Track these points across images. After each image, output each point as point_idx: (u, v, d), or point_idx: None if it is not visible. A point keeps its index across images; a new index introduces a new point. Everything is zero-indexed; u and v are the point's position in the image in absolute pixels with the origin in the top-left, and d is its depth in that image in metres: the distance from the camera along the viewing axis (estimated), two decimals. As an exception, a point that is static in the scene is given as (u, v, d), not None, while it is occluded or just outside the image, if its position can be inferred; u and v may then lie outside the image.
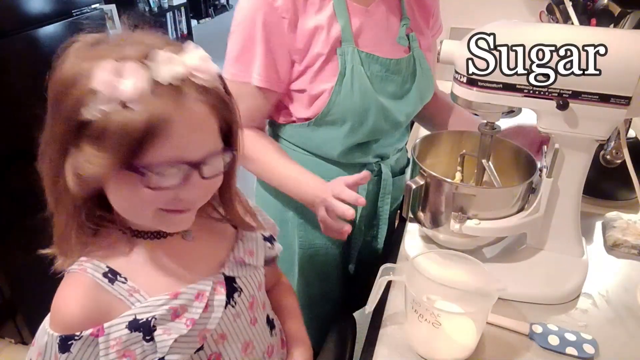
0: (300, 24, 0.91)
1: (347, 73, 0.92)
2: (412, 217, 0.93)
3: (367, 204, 1.01)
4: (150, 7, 4.46)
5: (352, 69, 0.92)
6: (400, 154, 1.14)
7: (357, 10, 0.94)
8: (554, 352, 0.75)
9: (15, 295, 1.77)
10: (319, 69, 0.93)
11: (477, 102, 0.78)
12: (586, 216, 0.99)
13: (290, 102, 0.99)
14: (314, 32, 0.91)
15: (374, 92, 0.95)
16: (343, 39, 0.92)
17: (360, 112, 0.95)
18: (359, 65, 0.92)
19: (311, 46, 0.92)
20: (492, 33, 0.73)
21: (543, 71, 0.72)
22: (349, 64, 0.92)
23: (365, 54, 0.94)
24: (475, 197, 0.82)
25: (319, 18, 0.91)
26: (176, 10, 4.89)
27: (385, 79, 0.97)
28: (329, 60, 0.92)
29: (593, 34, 0.74)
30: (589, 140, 0.78)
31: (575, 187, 0.84)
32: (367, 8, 0.95)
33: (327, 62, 0.93)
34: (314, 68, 0.93)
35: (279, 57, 0.92)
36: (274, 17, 0.89)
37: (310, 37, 0.91)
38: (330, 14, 0.91)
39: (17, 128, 1.69)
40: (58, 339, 0.59)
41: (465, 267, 0.76)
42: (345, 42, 0.92)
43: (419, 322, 0.70)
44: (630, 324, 0.81)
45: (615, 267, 0.94)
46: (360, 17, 0.94)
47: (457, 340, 0.73)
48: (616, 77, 0.70)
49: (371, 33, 0.95)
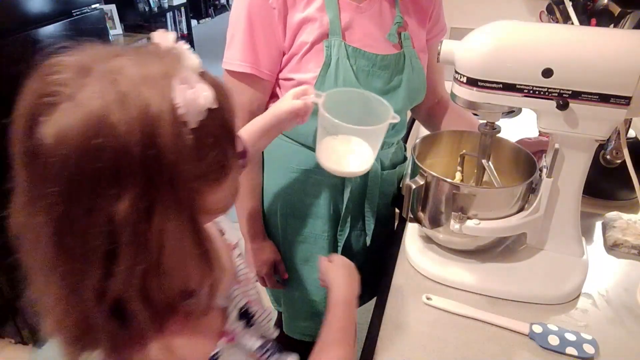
0: (289, 15, 0.94)
1: (332, 65, 0.95)
2: (412, 217, 0.93)
3: (354, 197, 1.05)
4: (150, 7, 4.46)
5: (337, 61, 0.95)
6: (393, 148, 1.14)
7: (348, 6, 0.96)
8: (554, 352, 0.75)
9: (15, 295, 1.77)
10: (303, 58, 0.96)
11: (477, 102, 0.78)
12: (586, 216, 1.00)
13: (279, 90, 1.01)
14: (302, 22, 0.94)
15: (359, 86, 0.96)
16: (330, 31, 0.94)
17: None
18: (344, 58, 0.95)
19: (297, 35, 0.95)
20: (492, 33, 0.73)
21: (543, 71, 0.72)
22: (334, 57, 0.95)
23: (352, 48, 0.96)
24: (475, 197, 0.82)
25: (309, 10, 0.94)
26: (176, 10, 4.89)
27: (371, 74, 0.98)
28: (315, 50, 0.95)
29: (593, 34, 0.74)
30: (589, 140, 0.78)
31: (575, 187, 0.84)
32: (359, 5, 0.97)
33: (312, 52, 0.95)
34: (297, 56, 0.96)
35: (267, 45, 0.95)
36: (263, 9, 0.93)
37: (298, 28, 0.95)
38: (320, 6, 0.94)
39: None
40: None
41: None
42: (332, 35, 0.94)
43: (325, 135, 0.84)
44: (630, 324, 0.81)
45: (615, 267, 0.94)
46: (351, 13, 0.96)
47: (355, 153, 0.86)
48: (616, 77, 0.70)
49: (361, 28, 0.98)
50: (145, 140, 0.41)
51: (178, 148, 0.42)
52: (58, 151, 0.40)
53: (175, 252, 0.45)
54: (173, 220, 0.44)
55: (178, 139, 0.42)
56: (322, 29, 0.94)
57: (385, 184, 1.12)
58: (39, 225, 0.44)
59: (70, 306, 0.46)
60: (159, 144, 0.41)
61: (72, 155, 0.40)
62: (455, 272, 0.89)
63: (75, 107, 0.41)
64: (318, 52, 0.95)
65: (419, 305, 0.84)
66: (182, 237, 0.46)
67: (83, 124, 0.40)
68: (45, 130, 0.41)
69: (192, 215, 0.46)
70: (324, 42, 0.94)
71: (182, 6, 4.96)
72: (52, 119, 0.41)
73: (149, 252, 0.44)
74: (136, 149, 0.41)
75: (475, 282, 0.86)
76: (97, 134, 0.40)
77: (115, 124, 0.40)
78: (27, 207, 0.45)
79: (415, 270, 0.92)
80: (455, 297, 0.85)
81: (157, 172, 0.42)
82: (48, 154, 0.41)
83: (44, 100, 0.42)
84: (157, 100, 0.42)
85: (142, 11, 4.36)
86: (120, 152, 0.40)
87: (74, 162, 0.40)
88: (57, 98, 0.42)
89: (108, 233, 0.43)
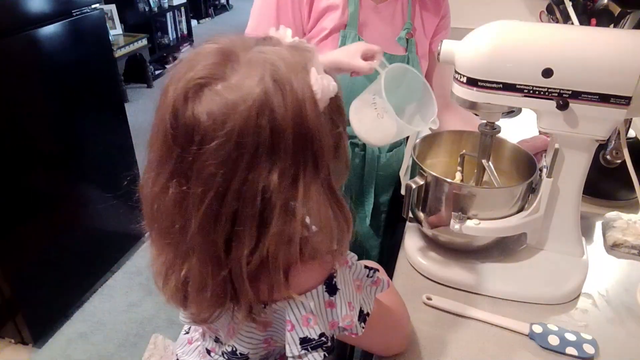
0: (317, 0, 1.03)
1: None
2: (412, 217, 0.93)
3: (353, 178, 1.12)
4: (150, 7, 4.46)
5: None
6: None
7: (367, 4, 1.04)
8: (554, 352, 0.75)
9: (15, 295, 1.77)
10: (320, 43, 1.03)
11: (477, 102, 0.78)
12: (586, 216, 1.00)
13: None
14: (326, 9, 1.02)
15: (366, 78, 1.00)
16: (349, 23, 1.02)
17: (346, 91, 0.98)
18: None
19: (320, 20, 1.03)
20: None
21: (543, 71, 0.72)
22: None
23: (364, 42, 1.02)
24: (475, 197, 0.83)
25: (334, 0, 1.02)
26: (176, 10, 4.89)
27: (377, 70, 1.00)
28: (331, 38, 1.02)
29: (593, 34, 0.74)
30: (589, 140, 0.78)
31: (575, 187, 0.84)
32: (377, 5, 1.05)
33: (329, 39, 1.03)
34: (315, 40, 1.03)
35: (294, 24, 1.03)
36: None
37: (322, 13, 1.02)
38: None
39: (17, 128, 1.70)
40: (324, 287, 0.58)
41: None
42: (350, 27, 1.02)
43: (371, 110, 0.85)
44: (630, 324, 0.81)
45: (615, 267, 0.94)
46: (369, 11, 1.04)
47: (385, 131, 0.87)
48: (616, 77, 0.70)
49: (374, 28, 1.05)
50: (296, 120, 0.48)
51: (318, 126, 0.50)
52: (219, 129, 0.47)
53: (319, 216, 0.52)
54: (315, 189, 0.51)
55: (317, 119, 0.50)
56: (342, 19, 1.02)
57: (385, 165, 1.17)
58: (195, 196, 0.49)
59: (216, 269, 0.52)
60: (305, 124, 0.49)
61: (235, 132, 0.47)
62: (455, 272, 0.88)
63: (234, 89, 0.47)
64: (334, 40, 1.03)
65: (419, 305, 0.84)
66: (324, 202, 0.52)
67: (246, 105, 0.47)
68: (202, 109, 0.47)
69: (329, 183, 0.53)
70: (340, 32, 1.02)
71: (182, 6, 4.96)
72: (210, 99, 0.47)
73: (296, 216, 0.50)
74: (289, 128, 0.48)
75: (475, 282, 0.86)
76: (260, 115, 0.47)
77: (274, 107, 0.47)
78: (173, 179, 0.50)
79: (415, 270, 0.92)
80: (455, 297, 0.85)
81: (303, 147, 0.49)
82: (207, 131, 0.47)
83: (198, 82, 0.48)
84: (302, 87, 0.49)
85: (142, 11, 4.37)
86: (277, 131, 0.48)
87: (235, 139, 0.47)
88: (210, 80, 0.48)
89: (261, 201, 0.49)
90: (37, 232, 1.85)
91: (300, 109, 0.48)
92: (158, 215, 0.53)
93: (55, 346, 1.93)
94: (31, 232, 1.82)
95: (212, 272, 0.52)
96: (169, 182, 0.51)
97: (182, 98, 0.48)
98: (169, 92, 0.49)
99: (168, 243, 0.54)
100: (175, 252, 0.54)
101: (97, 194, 2.11)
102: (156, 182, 0.52)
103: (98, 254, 2.20)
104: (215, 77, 0.48)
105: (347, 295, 0.59)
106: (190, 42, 5.09)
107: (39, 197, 1.83)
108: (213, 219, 0.50)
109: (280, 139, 0.48)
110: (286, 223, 0.50)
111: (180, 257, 0.54)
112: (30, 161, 1.77)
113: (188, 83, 0.48)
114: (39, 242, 1.87)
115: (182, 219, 0.51)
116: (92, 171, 2.07)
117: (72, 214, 2.02)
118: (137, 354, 1.89)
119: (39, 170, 1.82)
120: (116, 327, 2.02)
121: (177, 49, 4.93)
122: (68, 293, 2.05)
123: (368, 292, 0.65)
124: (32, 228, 1.82)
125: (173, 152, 0.49)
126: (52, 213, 1.91)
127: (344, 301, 0.59)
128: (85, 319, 2.06)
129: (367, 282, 0.64)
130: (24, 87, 1.71)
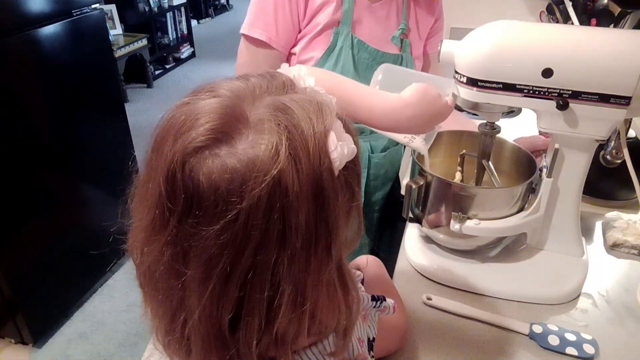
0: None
1: (335, 51, 1.02)
2: (412, 217, 0.93)
3: None
4: (150, 7, 4.46)
5: (341, 49, 1.02)
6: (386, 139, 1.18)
7: (362, 3, 1.04)
8: (554, 352, 0.75)
9: (15, 295, 1.77)
10: (313, 40, 1.03)
11: (477, 102, 0.78)
12: (586, 216, 1.00)
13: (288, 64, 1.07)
14: (321, 5, 1.02)
15: (357, 75, 1.02)
16: (342, 20, 1.02)
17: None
18: (348, 48, 1.02)
19: (314, 16, 1.03)
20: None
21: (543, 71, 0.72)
22: (339, 44, 1.02)
23: (357, 40, 1.03)
24: (475, 197, 0.83)
25: None
26: (176, 10, 4.89)
27: (370, 68, 1.03)
28: (324, 34, 1.03)
29: (593, 34, 0.74)
30: (589, 140, 0.78)
31: (575, 187, 0.84)
32: (372, 4, 1.04)
33: (322, 35, 1.03)
34: (309, 36, 1.03)
35: (292, 22, 1.03)
36: None
37: (318, 10, 1.02)
38: None
39: (18, 128, 1.70)
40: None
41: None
42: (343, 24, 1.02)
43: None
44: (630, 324, 0.81)
45: (615, 267, 0.94)
46: (363, 9, 1.04)
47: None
48: (616, 77, 0.70)
49: (368, 26, 1.05)
50: (311, 199, 0.42)
51: (334, 197, 0.44)
52: (225, 207, 0.40)
53: (327, 297, 0.47)
54: (325, 269, 0.45)
55: (334, 192, 0.44)
56: (335, 16, 1.01)
57: (375, 166, 1.17)
58: (194, 279, 0.43)
59: (220, 347, 0.46)
60: (320, 201, 0.43)
61: (243, 213, 0.40)
62: (455, 272, 0.88)
63: (242, 160, 0.40)
64: (326, 37, 1.03)
65: (419, 305, 0.84)
66: (332, 282, 0.47)
67: (257, 183, 0.40)
68: (204, 180, 0.40)
69: (340, 263, 0.48)
70: (333, 29, 1.02)
71: (182, 6, 4.96)
72: (214, 169, 0.40)
73: (305, 299, 0.44)
74: (304, 207, 0.42)
75: (475, 282, 0.86)
76: (272, 195, 0.40)
77: (288, 186, 0.41)
78: (168, 250, 0.44)
79: (415, 270, 0.92)
80: (455, 297, 0.85)
81: (316, 223, 0.43)
82: (209, 207, 0.40)
83: (199, 146, 0.41)
84: (320, 158, 0.42)
85: (142, 11, 4.37)
86: (290, 208, 0.41)
87: (243, 219, 0.40)
88: (213, 144, 0.41)
89: (270, 287, 0.43)
90: (37, 232, 1.85)
91: (316, 183, 0.42)
92: (152, 281, 0.47)
93: (55, 346, 1.93)
94: (31, 232, 1.82)
95: (216, 350, 0.46)
96: (164, 249, 0.44)
97: (180, 163, 0.41)
98: (163, 149, 0.42)
99: (164, 312, 0.48)
100: (173, 319, 0.47)
101: (97, 193, 2.11)
102: (150, 247, 0.45)
103: (98, 254, 2.19)
104: (220, 141, 0.41)
105: (355, 332, 0.57)
106: (190, 42, 5.09)
107: (39, 197, 1.83)
108: (216, 306, 0.44)
109: (293, 216, 0.41)
110: (296, 307, 0.44)
111: (180, 327, 0.47)
112: (31, 161, 1.77)
113: (188, 146, 0.41)
114: (39, 242, 1.87)
115: (180, 291, 0.44)
116: (92, 171, 2.07)
117: (72, 214, 2.02)
118: (137, 354, 1.89)
119: (39, 170, 1.82)
120: (116, 327, 2.02)
121: (177, 49, 4.93)
122: (68, 293, 2.05)
123: (372, 317, 0.63)
124: (32, 228, 1.82)
125: (169, 222, 0.43)
126: (52, 213, 1.91)
127: (354, 338, 0.56)
128: (85, 319, 2.06)
129: (373, 311, 0.62)
130: (24, 87, 1.71)
